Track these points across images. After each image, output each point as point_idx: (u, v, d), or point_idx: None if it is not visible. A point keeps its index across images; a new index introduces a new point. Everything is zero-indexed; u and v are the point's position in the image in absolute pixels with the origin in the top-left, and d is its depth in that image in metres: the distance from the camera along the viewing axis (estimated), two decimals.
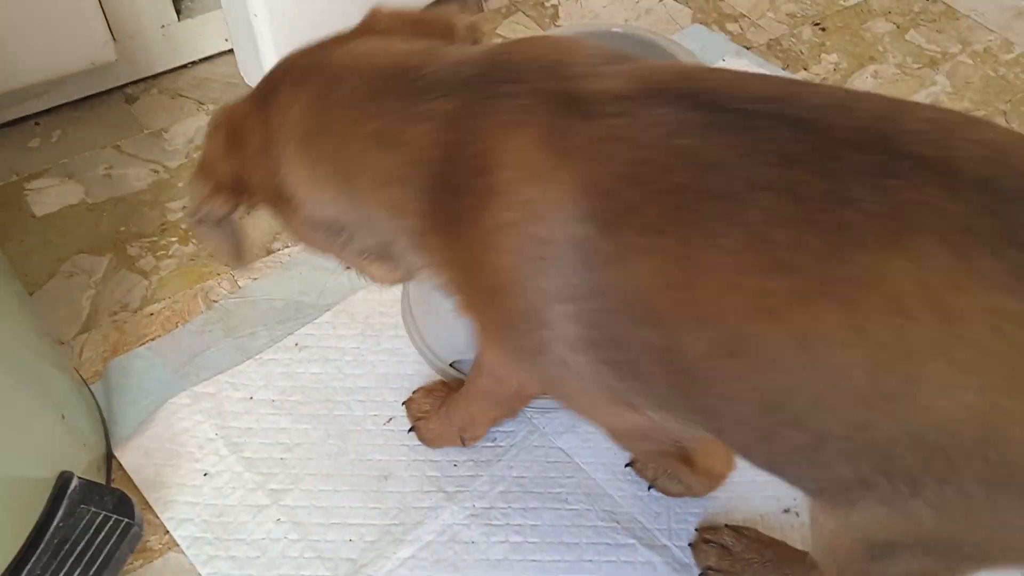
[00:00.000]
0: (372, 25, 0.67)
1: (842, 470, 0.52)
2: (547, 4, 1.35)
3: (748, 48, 1.28)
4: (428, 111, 0.57)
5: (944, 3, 1.35)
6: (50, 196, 1.08)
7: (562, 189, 0.53)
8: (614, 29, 1.12)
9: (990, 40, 1.29)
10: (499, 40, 1.28)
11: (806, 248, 0.49)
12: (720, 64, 1.24)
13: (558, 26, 1.32)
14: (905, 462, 0.49)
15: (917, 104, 0.57)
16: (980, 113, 1.18)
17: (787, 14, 1.34)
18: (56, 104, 1.16)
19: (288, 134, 0.63)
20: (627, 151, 0.53)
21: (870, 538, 0.55)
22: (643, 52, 1.11)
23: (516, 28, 1.31)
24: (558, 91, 0.55)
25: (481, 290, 0.59)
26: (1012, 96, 1.21)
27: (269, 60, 1.04)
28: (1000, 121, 1.17)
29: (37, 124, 1.16)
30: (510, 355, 0.64)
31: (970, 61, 1.26)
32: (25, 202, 1.07)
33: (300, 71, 0.64)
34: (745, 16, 1.34)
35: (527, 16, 1.33)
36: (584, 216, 0.53)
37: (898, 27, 1.31)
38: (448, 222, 0.58)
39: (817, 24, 1.32)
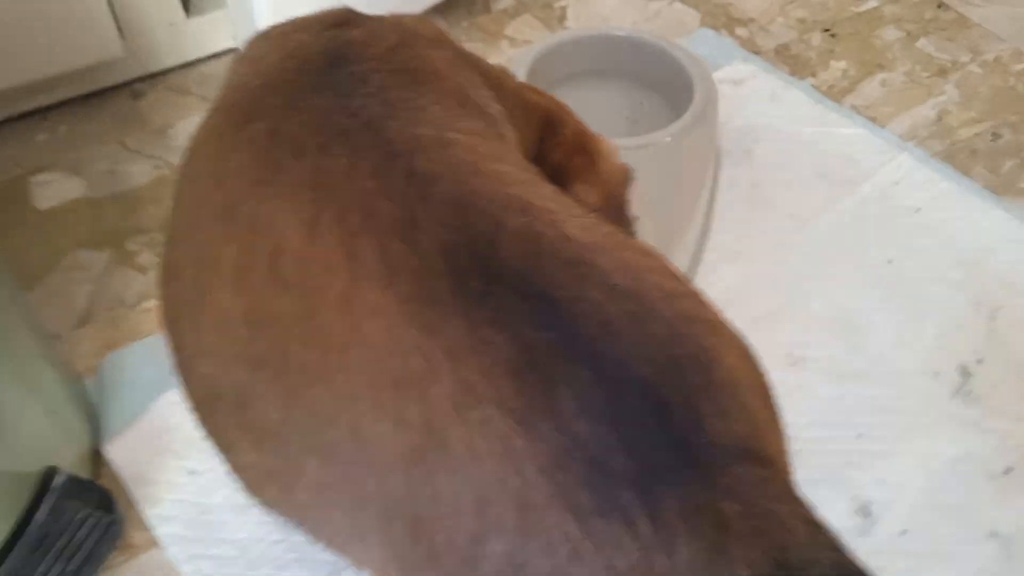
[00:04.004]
0: None
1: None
2: (555, 6, 1.35)
3: (756, 53, 1.27)
4: None
5: (956, 12, 1.33)
6: (53, 190, 1.09)
7: None
8: (618, 33, 1.12)
9: (1001, 50, 1.27)
10: (507, 40, 1.28)
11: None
12: (727, 69, 1.24)
13: (566, 28, 1.32)
14: None
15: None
16: (987, 124, 1.17)
17: (797, 19, 1.33)
18: (63, 99, 1.17)
19: None
20: None
21: None
22: (648, 57, 1.11)
23: (523, 30, 1.31)
24: None
25: None
26: (1021, 107, 1.19)
27: None
28: (1007, 134, 1.15)
29: (44, 118, 1.17)
30: None
31: (980, 71, 1.24)
32: (29, 195, 1.09)
33: None
34: (754, 20, 1.32)
35: (535, 18, 1.33)
36: None
37: (908, 35, 1.29)
38: None
39: (827, 30, 1.31)
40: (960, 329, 0.96)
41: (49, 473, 0.76)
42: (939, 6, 1.34)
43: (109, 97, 1.20)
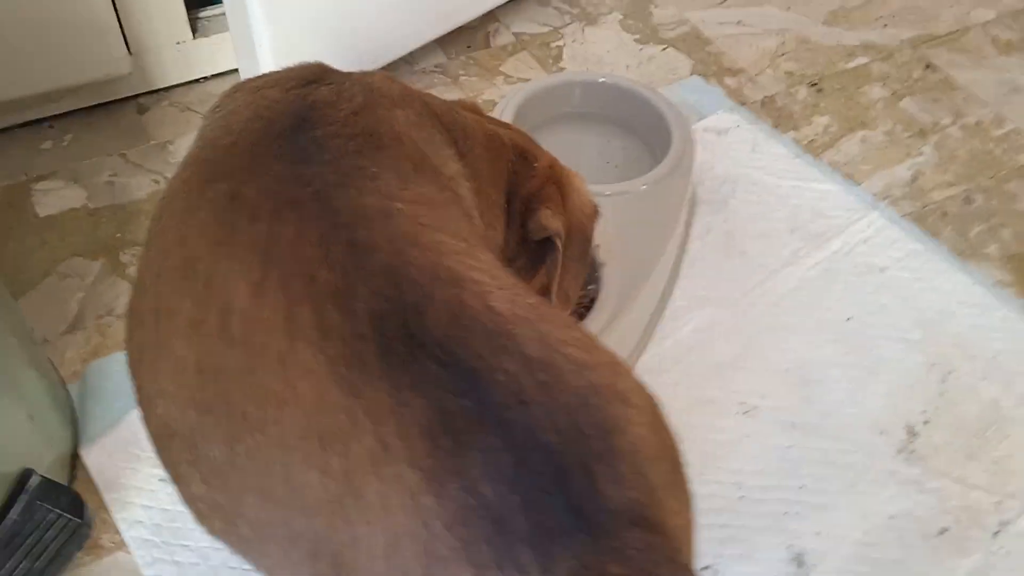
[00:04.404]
0: None
1: None
2: (552, 45, 1.39)
3: (743, 104, 1.31)
4: None
5: (943, 73, 1.36)
6: (54, 198, 1.14)
7: None
8: (603, 79, 1.16)
9: (983, 114, 1.30)
10: (503, 77, 1.33)
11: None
12: (713, 117, 1.28)
13: (561, 67, 1.36)
14: None
15: None
16: (961, 188, 1.20)
17: (786, 72, 1.36)
18: (70, 109, 1.23)
19: None
20: None
21: None
22: (631, 103, 1.15)
23: (520, 67, 1.35)
24: None
25: None
26: (995, 173, 1.22)
27: None
28: (979, 198, 1.19)
29: (51, 127, 1.22)
30: None
31: (960, 134, 1.27)
32: (31, 202, 1.14)
33: None
34: (744, 71, 1.36)
35: (532, 56, 1.37)
36: None
37: (894, 94, 1.33)
38: None
39: (814, 85, 1.34)
40: (911, 389, 0.99)
41: (25, 475, 0.80)
42: (927, 66, 1.37)
43: (115, 109, 1.25)
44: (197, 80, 1.29)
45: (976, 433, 0.96)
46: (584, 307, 0.95)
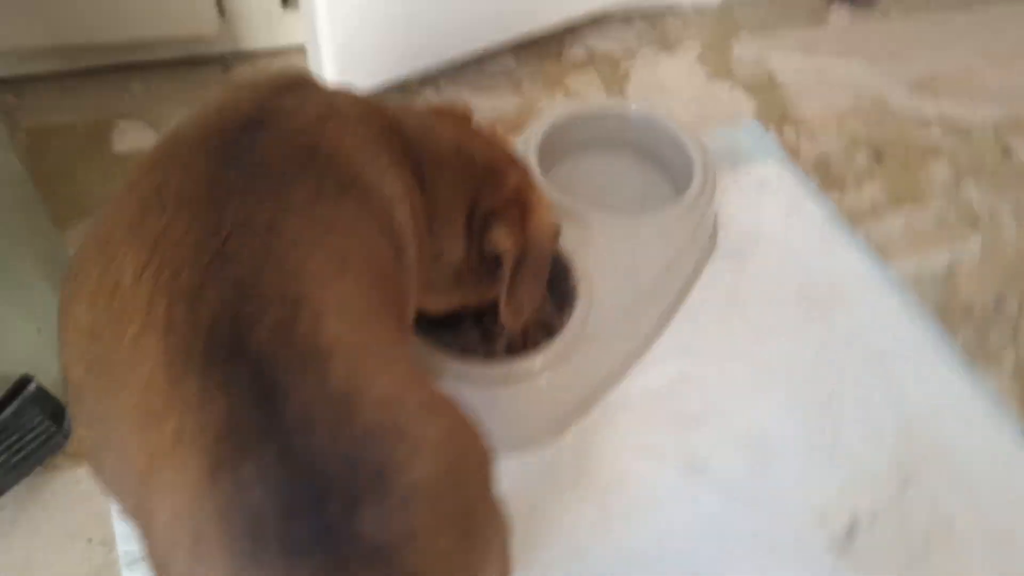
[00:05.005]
0: None
1: None
2: (622, 66, 1.41)
3: (796, 157, 1.29)
4: None
5: (1019, 161, 1.29)
6: (131, 137, 1.27)
7: None
8: (633, 107, 1.17)
9: None
10: (564, 89, 1.36)
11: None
12: (758, 166, 1.26)
13: (625, 90, 1.38)
14: None
15: None
16: (996, 289, 1.15)
17: (849, 132, 1.33)
18: (163, 58, 1.35)
19: None
20: None
21: None
22: (661, 138, 1.16)
23: (583, 83, 1.38)
24: None
25: None
26: None
27: (327, 66, 1.17)
28: (1012, 304, 1.13)
29: (142, 71, 1.35)
30: None
31: (1015, 230, 1.21)
32: (110, 137, 1.26)
33: None
34: (806, 123, 1.34)
35: (598, 74, 1.39)
36: None
37: (957, 173, 1.28)
38: None
39: (875, 150, 1.30)
40: (869, 483, 0.97)
41: (23, 380, 0.92)
42: (1004, 151, 1.31)
43: (203, 65, 1.36)
44: (281, 49, 1.38)
45: (922, 544, 0.94)
46: (548, 334, 0.98)
